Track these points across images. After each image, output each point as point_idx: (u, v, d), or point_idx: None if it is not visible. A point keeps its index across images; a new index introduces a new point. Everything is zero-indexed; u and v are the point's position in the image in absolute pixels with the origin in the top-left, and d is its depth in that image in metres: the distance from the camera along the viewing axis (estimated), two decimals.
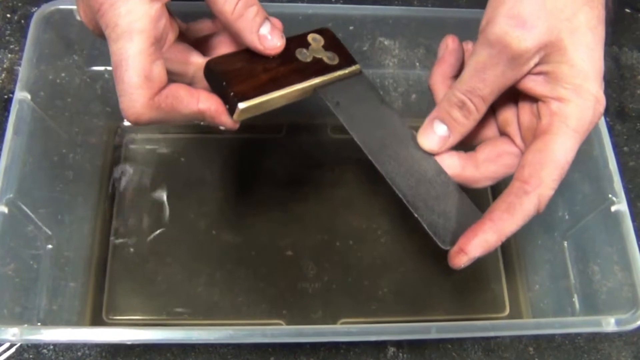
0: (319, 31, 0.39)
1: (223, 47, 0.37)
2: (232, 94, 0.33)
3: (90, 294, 0.49)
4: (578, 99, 0.31)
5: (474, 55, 0.33)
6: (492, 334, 0.42)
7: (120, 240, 0.52)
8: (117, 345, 0.48)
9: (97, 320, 0.49)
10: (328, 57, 0.38)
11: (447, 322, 0.38)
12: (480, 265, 0.53)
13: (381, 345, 0.49)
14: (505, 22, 0.31)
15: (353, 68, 0.38)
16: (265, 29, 0.34)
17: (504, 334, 0.48)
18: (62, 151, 0.48)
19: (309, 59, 0.37)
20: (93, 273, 0.50)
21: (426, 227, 0.35)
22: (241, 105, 0.33)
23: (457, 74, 0.37)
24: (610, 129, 0.56)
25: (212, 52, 0.37)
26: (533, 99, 0.34)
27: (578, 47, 0.31)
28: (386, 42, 0.52)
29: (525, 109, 0.35)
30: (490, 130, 0.38)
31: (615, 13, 0.62)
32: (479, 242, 0.33)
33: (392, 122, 0.37)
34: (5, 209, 0.39)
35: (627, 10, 0.66)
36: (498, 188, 0.54)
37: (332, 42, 0.38)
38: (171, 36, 0.34)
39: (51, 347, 0.48)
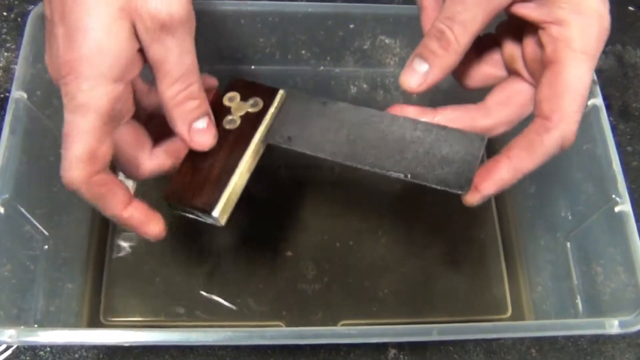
0: (229, 88, 0.37)
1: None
2: (200, 211, 0.34)
3: (87, 295, 0.49)
4: (578, 17, 0.30)
5: None
6: (494, 335, 0.42)
7: (118, 241, 0.52)
8: (114, 347, 0.48)
9: (94, 322, 0.49)
10: (252, 106, 0.36)
11: (449, 323, 0.38)
12: (482, 266, 0.53)
13: (382, 347, 0.49)
14: None
15: (278, 97, 0.36)
16: (200, 124, 0.33)
17: (506, 335, 0.48)
18: (59, 151, 0.47)
19: (238, 123, 0.35)
20: (90, 274, 0.50)
21: (436, 187, 0.33)
22: (216, 213, 0.33)
23: None
24: (614, 129, 0.56)
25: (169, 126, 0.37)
26: (534, 28, 0.32)
27: None
28: (387, 41, 0.52)
29: (529, 40, 0.33)
30: (497, 68, 0.36)
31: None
32: (493, 181, 0.32)
33: (345, 116, 0.36)
34: (1, 210, 0.39)
35: (631, 8, 0.66)
36: (502, 202, 0.55)
37: (246, 88, 0.37)
38: (127, 114, 0.33)
39: (48, 349, 0.48)
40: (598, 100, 0.43)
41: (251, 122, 0.36)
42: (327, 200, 0.55)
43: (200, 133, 0.34)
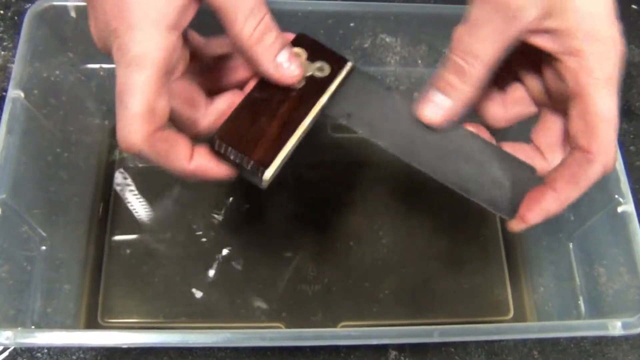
0: (297, 41, 0.36)
1: (239, 73, 0.35)
2: (250, 167, 0.32)
3: (85, 296, 0.49)
4: (593, 46, 0.30)
5: (469, 14, 0.32)
6: (495, 337, 0.42)
7: (116, 242, 0.52)
8: (112, 348, 0.48)
9: (92, 323, 0.49)
10: (319, 70, 0.35)
11: (450, 325, 0.38)
12: (483, 266, 0.53)
13: (382, 349, 0.49)
14: None
15: (346, 68, 0.36)
16: (283, 56, 0.33)
17: (508, 337, 0.48)
18: (57, 150, 0.48)
19: (302, 83, 0.35)
20: (88, 275, 0.50)
21: (486, 206, 0.33)
22: (267, 175, 0.32)
23: None
24: None
25: (225, 79, 0.36)
26: (551, 58, 0.32)
27: None
28: (388, 39, 0.52)
29: (549, 73, 0.34)
30: (525, 106, 0.37)
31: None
32: (540, 212, 0.32)
33: (407, 109, 0.35)
34: None
35: (634, 6, 0.66)
36: None
37: (314, 49, 0.36)
38: (181, 67, 0.32)
39: (45, 350, 0.48)
40: None
41: (316, 87, 0.35)
42: (327, 201, 0.55)
43: (287, 66, 0.33)
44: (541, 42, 0.32)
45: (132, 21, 0.28)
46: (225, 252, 0.52)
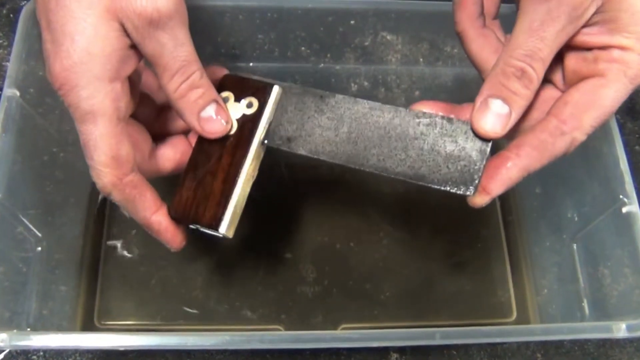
0: (222, 84, 0.36)
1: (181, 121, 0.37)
2: (205, 228, 0.34)
3: (81, 298, 0.49)
4: (637, 45, 0.31)
5: (526, 15, 0.31)
6: (498, 339, 0.42)
7: (113, 243, 0.52)
8: (109, 351, 0.48)
9: (88, 325, 0.49)
10: (247, 106, 0.35)
11: (452, 327, 0.38)
12: (486, 268, 0.53)
13: (383, 352, 0.49)
14: None
15: (274, 94, 0.35)
16: (209, 111, 0.34)
17: (510, 340, 0.48)
18: (53, 150, 0.48)
19: (235, 127, 0.35)
20: (84, 276, 0.50)
21: (444, 188, 0.32)
22: (222, 229, 0.34)
23: (482, 11, 0.36)
24: (621, 127, 0.56)
25: (174, 125, 0.38)
26: (587, 45, 0.33)
27: None
28: (389, 37, 0.52)
29: (572, 54, 0.33)
30: None
31: None
32: (502, 180, 0.32)
33: (344, 111, 0.35)
34: None
35: None
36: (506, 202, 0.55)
37: (239, 87, 0.36)
38: (128, 112, 0.33)
39: (41, 353, 0.48)
40: None
41: (248, 125, 0.35)
42: (327, 201, 0.55)
43: (210, 121, 0.34)
44: (589, 33, 0.32)
45: (74, 80, 0.30)
46: (223, 253, 0.52)
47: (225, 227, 0.34)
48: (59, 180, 0.48)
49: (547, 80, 0.35)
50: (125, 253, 0.51)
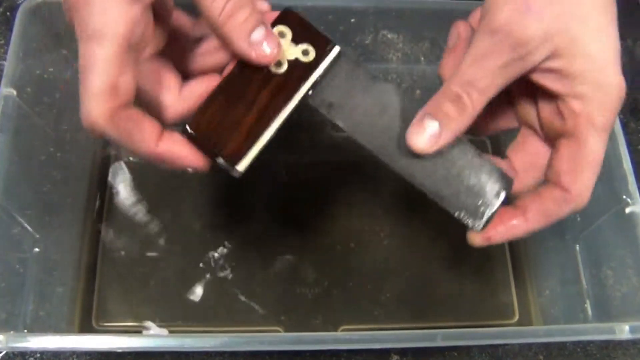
0: (282, 18, 0.34)
1: (220, 54, 0.34)
2: (225, 159, 0.32)
3: (79, 299, 0.49)
4: (599, 93, 0.31)
5: (473, 45, 0.31)
6: (500, 341, 0.42)
7: (111, 243, 0.52)
8: (107, 353, 0.48)
9: (86, 327, 0.49)
10: (303, 53, 0.34)
11: (453, 328, 0.38)
12: (488, 269, 0.53)
13: (384, 354, 0.49)
14: (509, 7, 0.30)
15: (333, 53, 0.34)
16: (257, 34, 0.31)
17: (512, 341, 0.48)
18: (50, 150, 0.48)
19: (284, 67, 0.33)
20: (82, 277, 0.50)
21: (455, 216, 0.33)
22: (240, 167, 0.32)
23: None
24: (624, 127, 0.56)
25: (207, 62, 0.35)
26: (550, 94, 0.33)
27: (591, 34, 0.30)
28: (389, 36, 0.52)
29: (545, 104, 0.34)
30: (509, 121, 0.38)
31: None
32: (504, 235, 0.34)
33: (390, 101, 0.34)
34: None
35: None
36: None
37: (300, 29, 0.34)
38: (151, 47, 0.32)
39: (38, 355, 0.48)
40: None
41: (299, 72, 0.33)
42: (327, 201, 0.55)
43: (261, 44, 0.31)
44: (545, 80, 0.32)
45: None
46: (222, 254, 0.52)
47: (244, 166, 0.32)
48: (56, 180, 0.48)
49: (531, 129, 0.36)
50: (123, 253, 0.51)
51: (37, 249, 0.45)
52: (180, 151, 0.31)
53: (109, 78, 0.28)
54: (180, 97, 0.33)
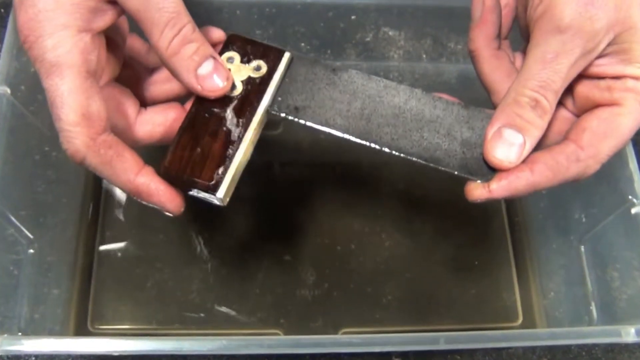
0: (228, 44, 0.35)
1: (170, 84, 0.35)
2: (202, 189, 0.32)
3: (74, 301, 0.49)
4: None
5: (539, 45, 0.32)
6: (504, 344, 0.42)
7: (107, 244, 0.52)
8: (103, 356, 0.48)
9: (82, 330, 0.49)
10: (255, 69, 0.35)
11: (456, 331, 0.38)
12: (491, 270, 0.53)
13: (385, 356, 0.49)
14: (575, 2, 0.31)
15: (284, 60, 0.35)
16: (205, 69, 0.32)
17: (516, 344, 0.48)
18: (45, 149, 0.48)
19: (240, 89, 0.34)
20: (78, 279, 0.50)
21: (459, 174, 0.33)
22: (220, 194, 0.32)
23: (499, 33, 0.36)
24: None
25: (165, 90, 0.36)
26: (593, 76, 0.34)
27: None
28: (391, 33, 0.52)
29: (583, 81, 0.34)
30: None
31: None
32: (508, 188, 0.33)
33: (358, 86, 0.35)
34: None
35: None
36: (512, 203, 0.55)
37: (247, 49, 0.35)
38: (106, 74, 0.32)
39: (33, 358, 0.48)
40: None
41: (254, 89, 0.34)
42: (327, 201, 0.55)
43: (209, 78, 0.32)
44: (602, 69, 0.33)
45: (40, 28, 0.29)
46: (221, 255, 0.52)
47: (224, 192, 0.32)
48: (51, 180, 0.48)
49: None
50: (120, 255, 0.51)
51: (31, 250, 0.45)
52: (158, 187, 0.32)
53: (80, 108, 0.29)
54: (137, 123, 0.34)
